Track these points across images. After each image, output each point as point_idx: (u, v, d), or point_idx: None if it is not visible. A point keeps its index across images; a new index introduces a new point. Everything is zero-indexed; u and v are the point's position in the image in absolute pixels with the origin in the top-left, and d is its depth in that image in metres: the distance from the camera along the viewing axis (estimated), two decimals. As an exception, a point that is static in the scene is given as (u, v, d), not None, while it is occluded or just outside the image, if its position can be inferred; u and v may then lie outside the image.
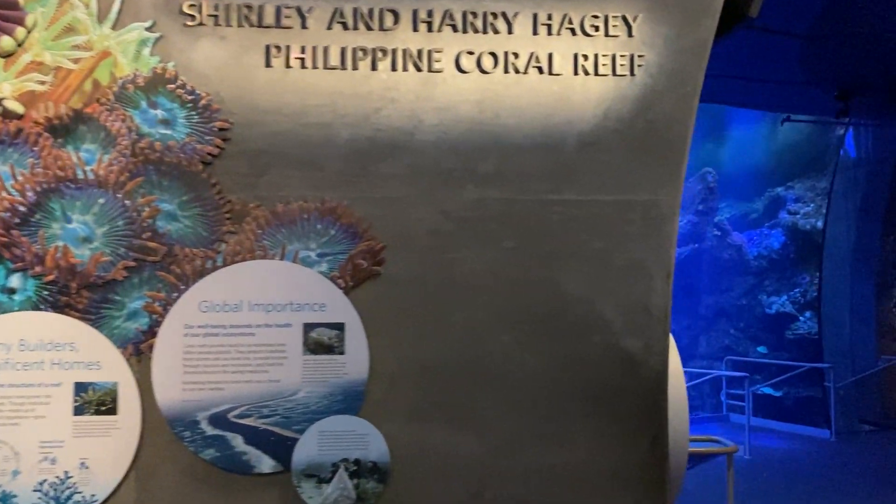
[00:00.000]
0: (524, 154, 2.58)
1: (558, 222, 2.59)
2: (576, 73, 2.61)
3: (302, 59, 2.52)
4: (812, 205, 14.82)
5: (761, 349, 15.17)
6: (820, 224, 13.78)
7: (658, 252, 2.62)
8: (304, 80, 2.52)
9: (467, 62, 2.57)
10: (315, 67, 2.52)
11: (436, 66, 2.56)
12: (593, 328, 2.58)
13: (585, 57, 2.61)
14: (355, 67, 2.54)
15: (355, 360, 2.46)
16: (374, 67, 2.54)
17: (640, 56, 2.63)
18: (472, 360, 2.54)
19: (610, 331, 2.59)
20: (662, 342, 2.61)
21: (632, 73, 2.62)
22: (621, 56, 2.62)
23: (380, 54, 2.55)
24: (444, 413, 2.52)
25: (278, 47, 2.51)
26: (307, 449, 2.42)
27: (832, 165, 13.38)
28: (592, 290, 2.59)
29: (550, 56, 2.60)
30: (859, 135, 12.49)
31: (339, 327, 2.46)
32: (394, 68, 2.55)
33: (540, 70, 2.60)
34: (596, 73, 2.61)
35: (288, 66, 2.51)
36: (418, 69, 2.56)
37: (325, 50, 2.53)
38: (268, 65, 2.51)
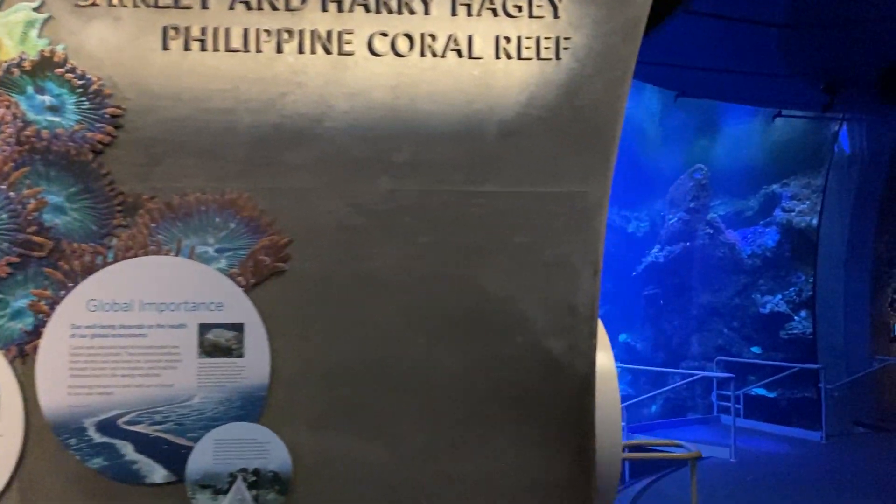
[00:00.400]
0: (442, 143, 2.41)
1: (478, 216, 2.42)
2: (497, 56, 2.44)
3: (202, 41, 2.35)
4: (807, 202, 14.63)
5: (755, 349, 14.99)
6: (815, 222, 13.57)
7: (585, 247, 2.45)
8: (203, 63, 2.35)
9: (381, 44, 2.41)
10: (216, 50, 2.36)
11: (346, 48, 2.40)
12: (515, 328, 2.42)
13: (508, 39, 2.45)
14: (259, 50, 2.37)
15: (255, 364, 2.30)
16: (279, 50, 2.38)
17: (566, 38, 2.46)
18: (383, 363, 2.37)
19: (532, 331, 2.42)
20: (589, 343, 2.44)
21: (557, 57, 2.45)
22: (546, 38, 2.45)
23: (286, 36, 2.38)
24: (352, 420, 2.36)
25: (176, 28, 2.35)
26: (202, 458, 2.26)
27: (828, 162, 13.18)
28: (514, 288, 2.43)
29: (470, 38, 2.43)
30: (853, 130, 12.27)
31: (238, 328, 2.30)
32: (301, 51, 2.39)
33: (459, 53, 2.43)
34: (519, 57, 2.44)
35: (187, 48, 2.35)
36: (327, 52, 2.39)
37: (227, 31, 2.36)
38: (165, 47, 2.35)
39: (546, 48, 2.45)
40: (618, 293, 18.22)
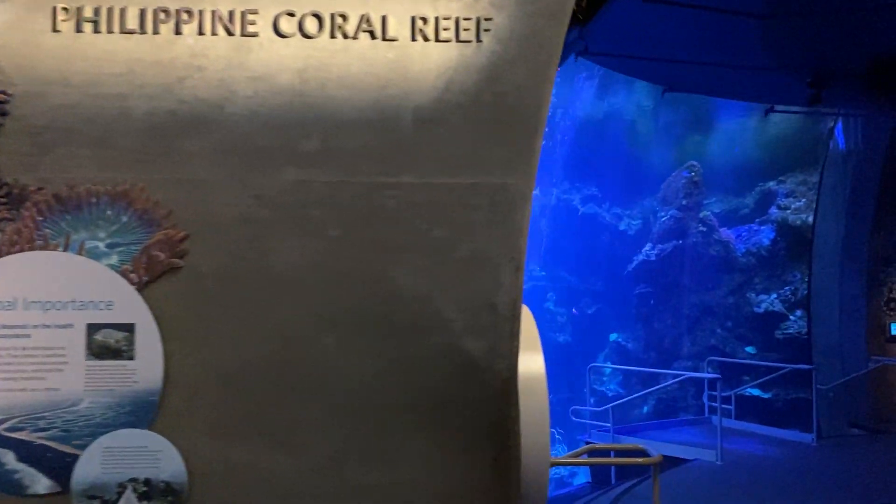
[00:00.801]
0: (353, 131, 2.26)
1: (392, 209, 2.27)
2: (413, 38, 2.29)
3: (95, 23, 2.21)
4: (804, 200, 14.43)
5: (749, 349, 14.79)
6: (811, 219, 13.36)
7: (507, 242, 2.30)
8: (96, 45, 2.20)
9: (287, 25, 2.26)
10: (110, 32, 2.21)
11: (250, 29, 2.25)
12: (431, 329, 2.26)
13: (424, 20, 2.29)
14: (156, 31, 2.22)
15: (147, 367, 2.15)
16: (178, 31, 2.23)
17: (487, 19, 2.30)
18: (288, 366, 2.22)
19: (449, 332, 2.27)
20: (510, 344, 2.29)
21: (478, 39, 2.30)
22: (466, 19, 2.29)
23: (185, 16, 2.23)
24: (253, 426, 2.20)
25: (67, 9, 2.20)
26: (89, 467, 2.11)
27: (823, 159, 12.97)
28: (430, 286, 2.27)
29: (384, 19, 2.28)
30: (848, 126, 12.06)
31: (129, 329, 2.15)
32: (201, 32, 2.23)
33: (372, 35, 2.28)
34: (437, 39, 2.29)
35: (78, 30, 2.20)
36: (230, 33, 2.24)
37: (122, 12, 2.21)
38: (55, 29, 2.19)
39: (466, 30, 2.29)
40: (609, 292, 18.05)
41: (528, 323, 2.57)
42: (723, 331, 15.43)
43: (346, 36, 2.27)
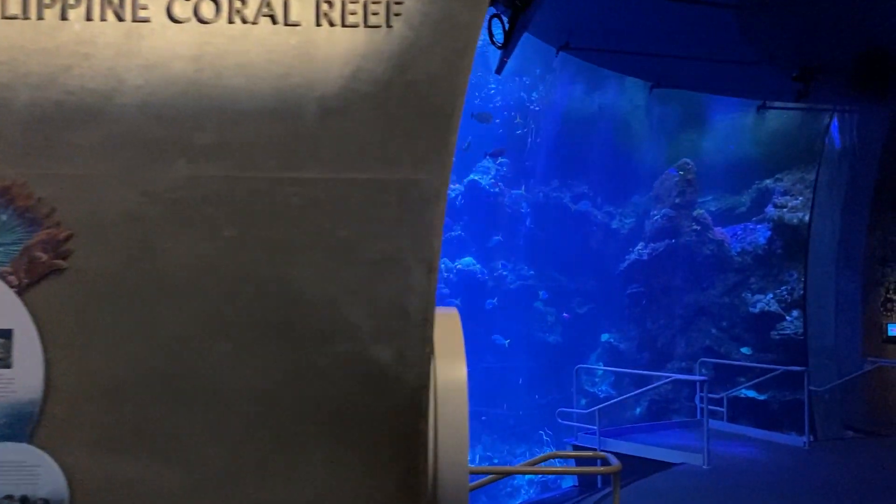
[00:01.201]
0: (252, 122, 2.11)
1: (294, 206, 2.12)
2: (318, 23, 2.14)
3: (-27, 7, 2.06)
4: (801, 198, 14.23)
5: (745, 350, 14.59)
6: (808, 218, 13.15)
7: (418, 242, 2.14)
8: (-25, 31, 2.06)
9: (181, 9, 2.11)
10: (-10, 17, 2.07)
11: (142, 14, 2.10)
12: (335, 336, 2.11)
13: (330, 4, 2.14)
14: (41, 17, 2.08)
15: (25, 375, 2.01)
16: (64, 16, 2.08)
17: (398, 3, 2.14)
18: (178, 376, 2.07)
19: (356, 338, 2.11)
20: (421, 351, 2.13)
21: (388, 24, 2.14)
22: (374, 3, 2.14)
23: (72, 0, 2.09)
24: (141, 440, 2.06)
25: (-56, -8, 2.06)
26: (-39, 484, 1.97)
27: (819, 156, 12.76)
28: (335, 290, 2.12)
29: (286, 2, 2.13)
30: (843, 123, 11.84)
31: (6, 335, 2.01)
32: (89, 17, 2.09)
33: (273, 19, 2.13)
34: (343, 24, 2.14)
35: (-44, 15, 2.06)
36: (120, 18, 2.09)
37: (4, -5, 2.07)
38: (-69, 14, 2.06)
39: (375, 14, 2.14)
40: (600, 291, 17.86)
41: (452, 326, 2.42)
42: (718, 331, 15.24)
43: (245, 20, 2.12)
